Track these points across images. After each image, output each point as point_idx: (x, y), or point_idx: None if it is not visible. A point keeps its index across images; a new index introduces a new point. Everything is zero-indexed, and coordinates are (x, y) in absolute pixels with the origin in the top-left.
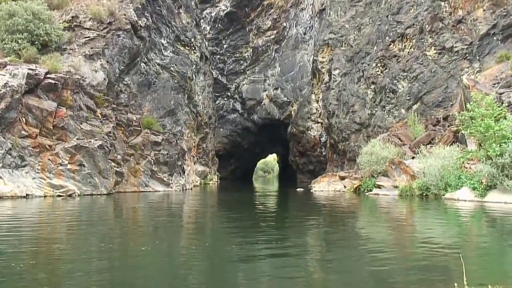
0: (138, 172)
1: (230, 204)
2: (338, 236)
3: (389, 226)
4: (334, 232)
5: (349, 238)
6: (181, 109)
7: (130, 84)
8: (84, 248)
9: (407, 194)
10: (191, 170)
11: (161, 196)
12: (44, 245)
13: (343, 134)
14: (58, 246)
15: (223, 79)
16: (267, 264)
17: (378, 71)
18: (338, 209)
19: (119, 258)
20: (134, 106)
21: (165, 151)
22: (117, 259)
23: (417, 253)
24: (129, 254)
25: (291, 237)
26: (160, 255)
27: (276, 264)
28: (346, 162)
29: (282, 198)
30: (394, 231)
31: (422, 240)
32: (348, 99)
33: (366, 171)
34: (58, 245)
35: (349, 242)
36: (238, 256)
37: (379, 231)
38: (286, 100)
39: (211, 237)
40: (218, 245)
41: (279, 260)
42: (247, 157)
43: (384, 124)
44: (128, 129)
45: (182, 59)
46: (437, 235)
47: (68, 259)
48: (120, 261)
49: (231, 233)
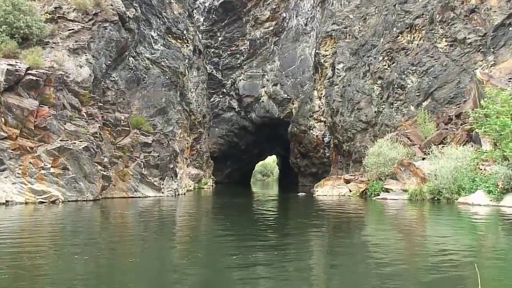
0: (127, 176)
1: (226, 210)
2: (342, 246)
3: (399, 234)
4: (338, 242)
5: (355, 247)
6: (172, 107)
7: (117, 81)
8: (68, 261)
9: (417, 199)
10: (184, 174)
11: (152, 202)
12: (24, 259)
13: (348, 133)
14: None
15: (218, 74)
16: (266, 275)
17: (385, 65)
18: (343, 215)
19: (105, 273)
20: (122, 104)
21: (155, 153)
22: (104, 273)
23: (429, 262)
24: (116, 267)
25: (291, 248)
26: (150, 268)
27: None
28: (352, 164)
29: (282, 204)
30: (403, 239)
31: (434, 248)
32: (353, 96)
33: (373, 173)
34: (39, 258)
35: (355, 252)
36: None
37: (388, 240)
38: (286, 97)
39: (205, 247)
40: (212, 256)
41: (278, 276)
42: (245, 159)
43: (392, 122)
44: (116, 130)
45: (174, 53)
46: (450, 243)
47: (49, 274)
48: (107, 275)
49: (226, 242)
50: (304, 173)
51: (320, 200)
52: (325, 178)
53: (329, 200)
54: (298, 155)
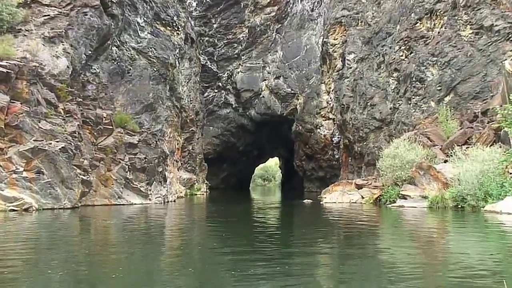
0: (110, 181)
1: (222, 220)
2: (353, 260)
3: (417, 247)
4: (348, 255)
5: (368, 262)
6: (161, 103)
7: (99, 73)
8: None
9: (438, 206)
10: (174, 178)
11: (138, 210)
12: None
13: (360, 132)
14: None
15: (213, 66)
16: None
17: (402, 55)
18: (354, 225)
19: None
20: (104, 100)
21: (142, 155)
22: None
23: (452, 279)
24: (96, 283)
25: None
26: (135, 284)
27: None
28: (364, 167)
29: (285, 212)
30: (423, 253)
31: (457, 263)
32: (365, 90)
33: (388, 178)
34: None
35: (367, 267)
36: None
37: (405, 253)
38: (290, 91)
39: (198, 261)
40: (206, 271)
41: None
42: (243, 162)
43: (410, 120)
44: (97, 128)
45: (163, 42)
46: (476, 257)
47: None
48: None
49: (221, 255)
50: (310, 177)
51: (328, 208)
52: (334, 183)
53: (338, 208)
54: (304, 157)
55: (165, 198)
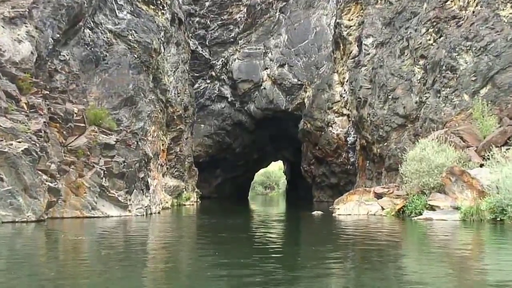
0: (82, 189)
1: (215, 235)
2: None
3: (449, 268)
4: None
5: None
6: (143, 96)
7: (69, 61)
8: None
9: (473, 219)
10: (159, 186)
11: (115, 224)
12: None
13: (380, 131)
14: None
15: (204, 52)
16: None
17: (430, 39)
18: (373, 242)
19: None
20: (75, 93)
21: (120, 158)
22: None
23: None
24: None
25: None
26: None
27: None
28: (384, 172)
29: (291, 226)
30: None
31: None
32: (386, 81)
33: (414, 185)
34: None
35: None
36: None
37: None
38: (296, 82)
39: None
40: None
41: None
42: (240, 167)
43: (439, 116)
44: (67, 126)
45: (145, 24)
46: None
47: None
48: None
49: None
50: (321, 184)
51: (341, 221)
52: (348, 192)
53: (354, 221)
54: (313, 161)
55: (147, 209)
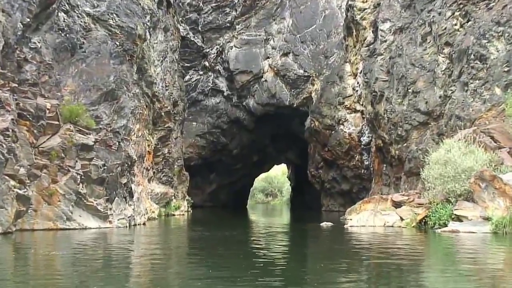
0: (55, 197)
1: (208, 249)
2: None
3: None
4: None
5: None
6: (126, 89)
7: (41, 49)
8: None
9: (506, 231)
10: (144, 193)
11: (94, 237)
12: None
13: (399, 130)
14: None
15: (196, 39)
16: None
17: (456, 24)
18: (391, 258)
19: None
20: (48, 86)
21: (100, 161)
22: None
23: None
24: None
25: None
26: None
27: None
28: (404, 177)
29: (296, 240)
30: None
31: None
32: (406, 72)
33: (437, 192)
34: None
35: None
36: None
37: None
38: (302, 73)
39: None
40: None
41: None
42: (238, 171)
43: (467, 113)
44: (38, 124)
45: (128, 6)
46: None
47: None
48: None
49: None
50: (331, 191)
51: (354, 234)
52: (362, 200)
53: (368, 234)
54: (321, 164)
55: (131, 220)
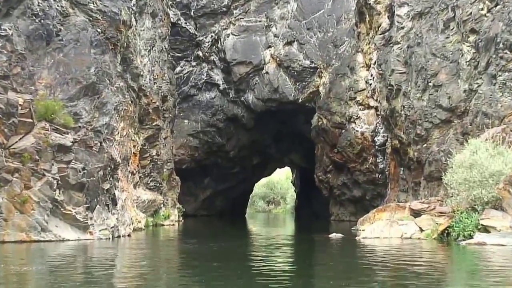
0: (28, 205)
1: (202, 264)
2: None
3: None
4: None
5: None
6: (109, 83)
7: (12, 37)
8: None
9: None
10: (130, 200)
11: (72, 251)
12: None
13: (418, 129)
14: None
15: (189, 25)
16: None
17: (483, 9)
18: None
19: None
20: (20, 78)
21: (79, 164)
22: None
23: None
24: None
25: None
26: None
27: None
28: (424, 182)
29: (302, 253)
30: None
31: None
32: (426, 63)
33: (462, 199)
34: None
35: None
36: None
37: None
38: (308, 64)
39: None
40: None
41: None
42: (236, 175)
43: (495, 109)
44: (9, 122)
45: None
46: None
47: None
48: None
49: None
50: (341, 198)
51: (368, 247)
52: (377, 208)
53: (384, 246)
54: (330, 168)
55: (114, 231)
